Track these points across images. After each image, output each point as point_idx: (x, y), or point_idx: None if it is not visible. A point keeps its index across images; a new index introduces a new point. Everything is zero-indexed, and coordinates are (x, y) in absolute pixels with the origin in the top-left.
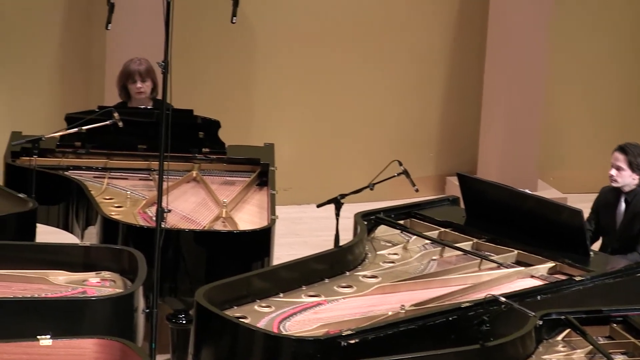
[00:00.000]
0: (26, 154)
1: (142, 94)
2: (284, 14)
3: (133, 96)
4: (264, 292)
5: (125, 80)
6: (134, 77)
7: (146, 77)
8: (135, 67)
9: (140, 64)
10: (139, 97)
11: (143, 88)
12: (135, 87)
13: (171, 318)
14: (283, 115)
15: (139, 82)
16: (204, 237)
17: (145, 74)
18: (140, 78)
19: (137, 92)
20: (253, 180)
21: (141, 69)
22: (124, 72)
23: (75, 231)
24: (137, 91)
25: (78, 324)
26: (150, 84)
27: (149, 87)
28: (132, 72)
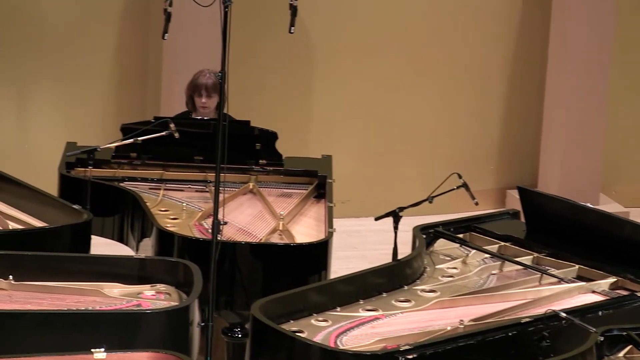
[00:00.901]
0: (81, 164)
1: (206, 109)
2: (343, 26)
3: (197, 109)
4: (321, 306)
5: (192, 91)
6: (200, 90)
7: (212, 92)
8: (203, 80)
9: (208, 78)
10: (203, 111)
11: (207, 103)
12: (200, 101)
13: (227, 332)
14: (341, 127)
15: (204, 97)
16: (261, 250)
17: (212, 89)
18: (206, 93)
19: (201, 107)
20: (310, 193)
21: (209, 83)
22: (192, 83)
23: (130, 243)
24: (201, 105)
25: (132, 337)
26: (216, 99)
27: (214, 102)
28: (199, 85)
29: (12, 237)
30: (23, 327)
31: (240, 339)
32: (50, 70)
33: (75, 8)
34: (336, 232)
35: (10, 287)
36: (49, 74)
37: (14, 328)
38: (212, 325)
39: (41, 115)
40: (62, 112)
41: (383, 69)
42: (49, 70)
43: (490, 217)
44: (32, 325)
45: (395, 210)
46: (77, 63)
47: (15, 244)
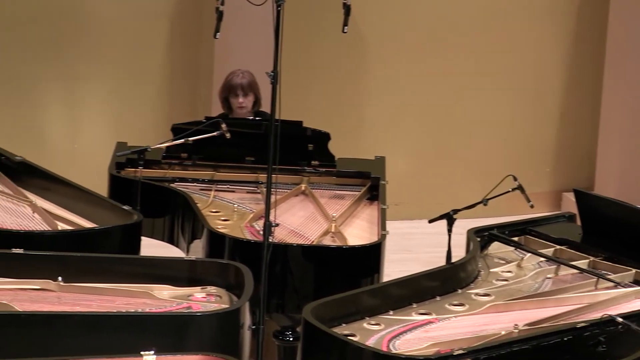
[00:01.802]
0: (131, 165)
1: (244, 109)
2: (398, 25)
3: (234, 110)
4: (374, 310)
5: (227, 93)
6: (235, 90)
7: (248, 91)
8: (237, 80)
9: (242, 77)
10: (240, 111)
11: (244, 103)
12: (237, 101)
13: (278, 335)
14: (395, 128)
15: (241, 96)
16: (313, 252)
17: (247, 88)
18: (242, 92)
19: (238, 107)
20: (363, 194)
21: (243, 82)
22: (225, 85)
23: (180, 245)
24: (238, 105)
25: (182, 340)
26: (252, 98)
27: (250, 101)
28: (234, 85)
29: (61, 238)
30: (72, 328)
31: (292, 343)
32: (101, 69)
33: (126, 7)
34: (389, 234)
35: (59, 289)
36: (99, 73)
37: (62, 330)
38: (263, 329)
39: (91, 114)
40: (112, 111)
41: (438, 68)
42: (99, 70)
43: (546, 220)
44: (81, 327)
45: (449, 213)
46: (128, 62)
47: (64, 245)
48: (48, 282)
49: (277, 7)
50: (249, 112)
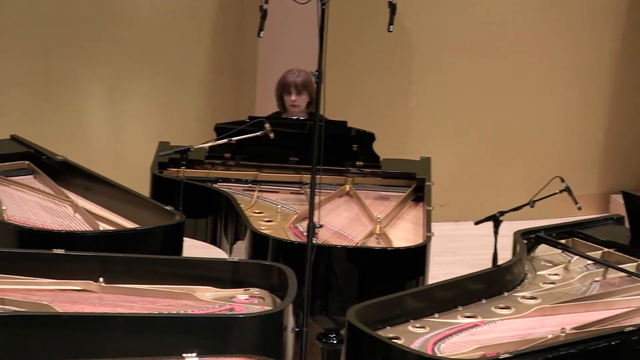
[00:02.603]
0: (174, 165)
1: (296, 107)
2: (444, 24)
3: (288, 108)
4: (418, 312)
5: (281, 91)
6: (289, 89)
7: (302, 90)
8: (292, 78)
9: (297, 75)
10: (293, 110)
11: (297, 101)
12: (290, 99)
13: (322, 337)
14: (440, 128)
15: (294, 94)
16: (357, 254)
17: (301, 86)
18: (295, 90)
19: (291, 105)
20: (408, 196)
21: (297, 81)
22: (280, 83)
23: (223, 246)
24: (291, 104)
25: (225, 342)
26: (306, 97)
27: (304, 100)
28: (288, 83)
29: (103, 239)
30: (113, 330)
31: (336, 345)
32: (143, 68)
33: (169, 5)
34: (434, 236)
35: (101, 290)
36: (141, 72)
37: (104, 331)
38: (306, 331)
39: (134, 114)
40: (154, 111)
41: (485, 68)
42: (141, 69)
43: (594, 223)
44: (122, 328)
45: (495, 215)
46: (170, 61)
47: (105, 246)
48: (89, 283)
49: (322, 6)
50: (303, 112)
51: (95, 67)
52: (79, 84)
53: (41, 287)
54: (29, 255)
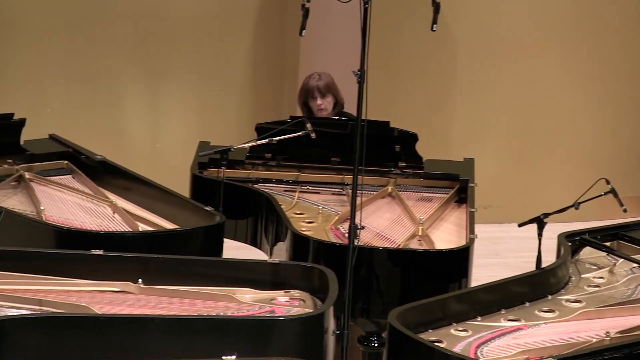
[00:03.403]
0: (214, 165)
1: (323, 111)
2: (488, 23)
3: (315, 113)
4: (461, 315)
5: (305, 97)
6: (313, 93)
7: (326, 92)
8: (314, 83)
9: (319, 79)
10: (320, 114)
11: (323, 105)
12: (316, 103)
13: (363, 340)
14: (484, 129)
15: (319, 98)
16: (399, 256)
17: (325, 89)
18: (320, 94)
19: (318, 109)
20: (451, 197)
21: (320, 84)
22: (303, 89)
23: (263, 247)
24: (317, 108)
25: (265, 345)
26: (332, 99)
27: (329, 103)
28: (311, 88)
29: (142, 239)
30: (152, 332)
31: (377, 348)
32: (184, 67)
33: (210, 4)
34: (478, 238)
35: (140, 291)
36: (182, 71)
37: (143, 333)
38: (347, 334)
39: (174, 113)
40: (195, 110)
41: (529, 68)
42: (182, 68)
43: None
44: (161, 330)
45: (539, 217)
46: (211, 60)
47: (145, 247)
48: (128, 285)
49: (365, 4)
50: (330, 115)
51: (135, 66)
52: (119, 83)
53: (79, 288)
54: (67, 256)
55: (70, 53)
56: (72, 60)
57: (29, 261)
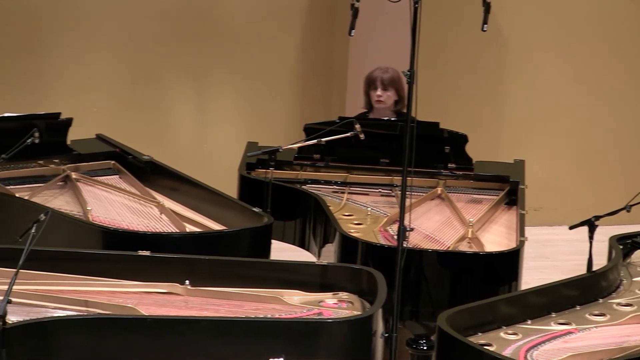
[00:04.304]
0: (262, 165)
1: (382, 103)
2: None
3: (373, 105)
4: (511, 319)
5: (367, 86)
6: (375, 83)
7: (389, 86)
8: (378, 73)
9: (385, 71)
10: (378, 105)
11: (383, 97)
12: (375, 94)
13: (411, 343)
14: (535, 130)
15: (380, 89)
16: (448, 258)
17: (388, 82)
18: (381, 86)
19: (376, 100)
20: (501, 199)
21: (384, 76)
22: (367, 79)
23: (311, 249)
24: (376, 99)
25: (313, 347)
26: (393, 94)
27: (390, 97)
28: (374, 78)
29: (189, 241)
30: (199, 333)
31: (426, 352)
32: (232, 67)
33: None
34: (528, 241)
35: (187, 293)
36: (230, 71)
37: (189, 335)
38: (396, 337)
39: (221, 113)
40: (243, 110)
41: (581, 68)
42: (230, 68)
43: None
44: (208, 332)
45: (590, 219)
46: (259, 60)
47: (192, 248)
48: (175, 286)
49: (415, 4)
50: (389, 110)
51: (183, 66)
52: (166, 83)
53: (126, 289)
54: (114, 257)
55: (118, 53)
56: (120, 59)
57: (76, 262)
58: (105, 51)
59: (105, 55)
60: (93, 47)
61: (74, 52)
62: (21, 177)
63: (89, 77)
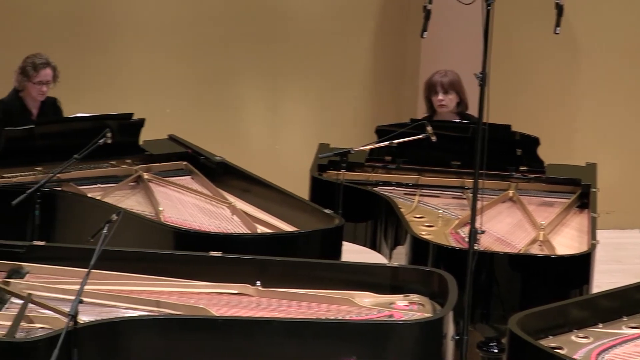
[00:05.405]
0: (334, 167)
1: (444, 107)
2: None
3: (435, 109)
4: (582, 322)
5: (428, 92)
6: (435, 88)
7: (449, 89)
8: (437, 78)
9: (444, 75)
10: (441, 110)
11: (445, 101)
12: (437, 99)
13: (482, 346)
14: (607, 133)
15: (441, 94)
16: (520, 261)
17: (448, 86)
18: (442, 90)
19: (438, 105)
20: (573, 202)
21: (444, 80)
22: (426, 84)
23: (383, 251)
24: (438, 104)
25: (383, 349)
26: (455, 97)
27: (452, 100)
28: (434, 83)
29: (260, 241)
30: (270, 334)
31: (497, 354)
32: (304, 68)
33: (330, 5)
34: (599, 244)
35: (258, 294)
36: (302, 73)
37: (260, 336)
38: (466, 339)
39: (293, 115)
40: (315, 112)
41: None
42: (302, 69)
43: None
44: (279, 333)
45: None
46: (331, 61)
47: (263, 249)
48: (246, 287)
49: (487, 7)
50: (452, 113)
51: (255, 67)
52: (239, 84)
53: (197, 289)
54: (185, 257)
55: (191, 54)
56: (193, 61)
57: (147, 262)
58: (178, 52)
59: (179, 56)
60: (167, 48)
61: (147, 53)
62: (93, 177)
63: (162, 78)
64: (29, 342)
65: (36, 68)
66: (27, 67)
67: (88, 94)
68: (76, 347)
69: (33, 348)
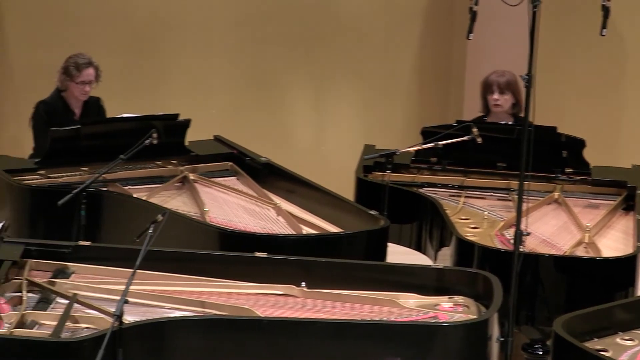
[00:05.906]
0: (379, 168)
1: (499, 107)
2: None
3: (490, 109)
4: (627, 324)
5: (484, 91)
6: (491, 87)
7: (505, 89)
8: (494, 77)
9: (501, 75)
10: (495, 109)
11: (500, 101)
12: (492, 98)
13: (527, 348)
14: None
15: (496, 93)
16: (565, 263)
17: (504, 86)
18: (498, 89)
19: (493, 105)
20: (618, 204)
21: (501, 80)
22: (483, 83)
23: (428, 252)
24: (493, 103)
25: (428, 351)
26: (510, 98)
27: (507, 101)
28: (490, 82)
29: (306, 243)
30: (314, 335)
31: (542, 357)
32: (350, 69)
33: (377, 6)
34: None
35: (303, 295)
36: (348, 73)
37: (305, 337)
38: (511, 341)
39: (339, 116)
40: (360, 113)
41: None
42: (348, 69)
43: None
44: (324, 334)
45: None
46: (377, 62)
47: (308, 250)
48: (291, 288)
49: (533, 8)
50: (507, 114)
51: (301, 67)
52: (285, 85)
53: (242, 290)
54: (230, 258)
55: (237, 55)
56: (239, 62)
57: (193, 263)
58: (224, 53)
59: (225, 57)
60: (213, 49)
61: (194, 54)
62: (139, 177)
63: (208, 78)
64: (74, 342)
65: (79, 68)
66: (70, 67)
67: (135, 95)
68: (121, 347)
69: (79, 348)
